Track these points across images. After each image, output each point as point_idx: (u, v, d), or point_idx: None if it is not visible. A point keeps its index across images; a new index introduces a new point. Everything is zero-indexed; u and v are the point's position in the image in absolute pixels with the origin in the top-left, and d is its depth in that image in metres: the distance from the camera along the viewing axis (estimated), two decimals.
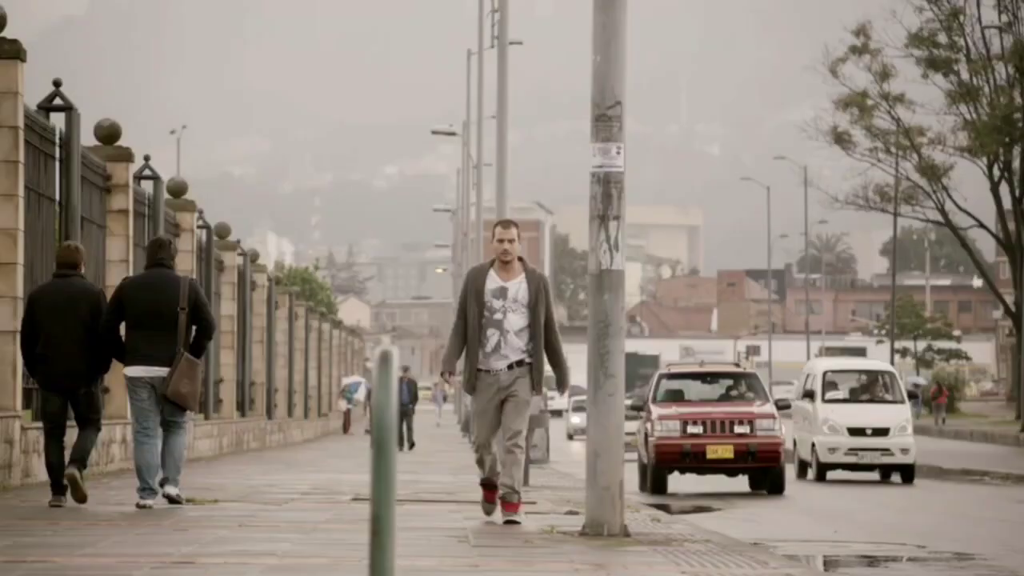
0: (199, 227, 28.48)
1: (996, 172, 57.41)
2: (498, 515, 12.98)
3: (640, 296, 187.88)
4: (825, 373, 28.92)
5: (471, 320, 12.72)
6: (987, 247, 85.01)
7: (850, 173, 61.11)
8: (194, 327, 13.59)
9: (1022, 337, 54.98)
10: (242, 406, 34.04)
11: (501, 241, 12.83)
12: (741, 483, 25.77)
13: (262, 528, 12.22)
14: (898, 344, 76.95)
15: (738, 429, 24.31)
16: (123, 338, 13.68)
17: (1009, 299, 59.06)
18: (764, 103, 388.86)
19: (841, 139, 58.96)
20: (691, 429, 24.28)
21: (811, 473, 28.38)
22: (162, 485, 13.70)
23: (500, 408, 12.69)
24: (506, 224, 12.86)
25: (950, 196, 58.50)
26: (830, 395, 28.76)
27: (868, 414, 28.02)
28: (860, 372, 29.78)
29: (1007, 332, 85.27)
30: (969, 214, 59.08)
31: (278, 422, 40.78)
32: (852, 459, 27.85)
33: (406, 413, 39.73)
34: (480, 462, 13.00)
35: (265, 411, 38.21)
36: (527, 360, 12.70)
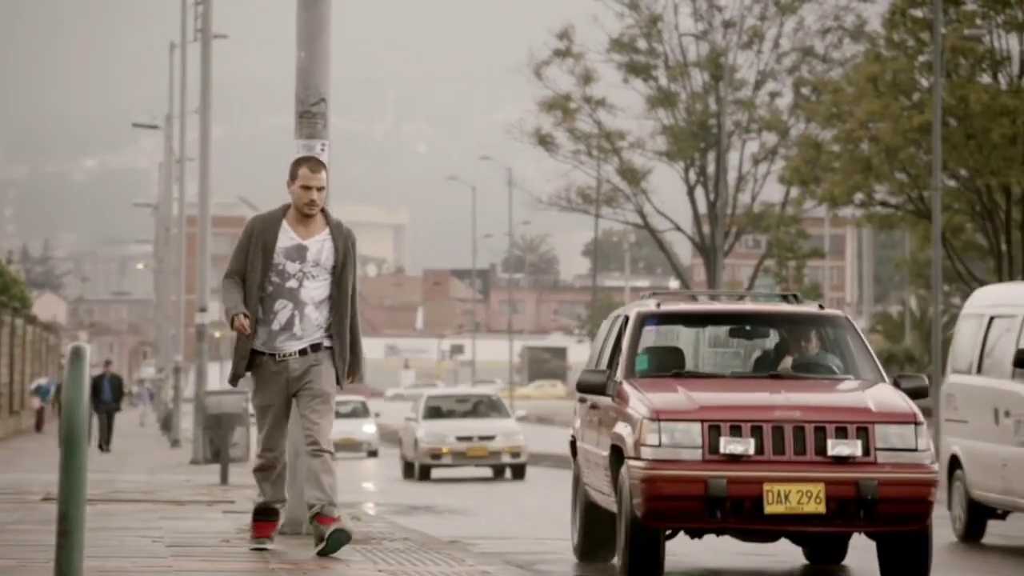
0: None
1: (692, 177, 58.85)
2: (275, 544, 10.45)
3: None
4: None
5: (251, 287, 9.96)
6: (683, 250, 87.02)
7: (553, 175, 61.96)
8: None
9: None
10: None
11: (307, 188, 10.05)
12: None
13: None
14: None
15: (837, 449, 11.00)
16: None
17: None
18: (471, 103, 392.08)
19: (545, 141, 59.73)
20: (732, 446, 10.99)
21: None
22: None
23: (289, 404, 10.17)
24: (315, 166, 10.17)
25: (649, 199, 59.74)
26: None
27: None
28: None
29: None
30: (667, 217, 60.42)
31: None
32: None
33: (109, 411, 37.64)
34: (264, 474, 10.24)
35: None
36: (326, 344, 10.05)
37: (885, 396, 11.26)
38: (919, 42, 41.58)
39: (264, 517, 10.38)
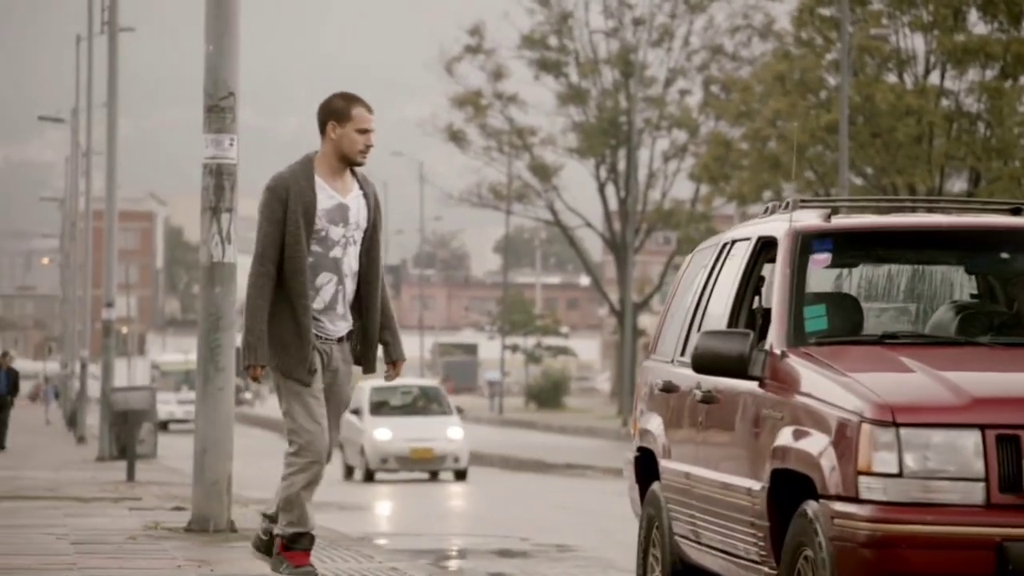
0: None
1: (603, 173, 59.01)
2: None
3: None
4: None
5: (292, 258, 8.05)
6: (594, 246, 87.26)
7: (465, 171, 61.95)
8: None
9: (625, 334, 56.67)
10: None
11: (366, 131, 8.29)
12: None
13: None
14: (509, 340, 78.35)
15: None
16: None
17: (614, 297, 60.77)
18: (383, 98, 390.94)
19: (456, 137, 59.67)
20: None
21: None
22: None
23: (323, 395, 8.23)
24: (368, 104, 8.45)
25: (560, 196, 59.84)
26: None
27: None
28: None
29: (611, 330, 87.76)
30: (577, 214, 60.55)
31: None
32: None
33: (3, 405, 36.62)
34: (308, 487, 8.07)
35: None
36: (350, 328, 8.26)
37: None
38: (827, 41, 41.90)
39: (303, 545, 8.19)
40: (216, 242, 11.85)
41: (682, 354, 7.97)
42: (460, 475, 28.98)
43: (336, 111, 8.29)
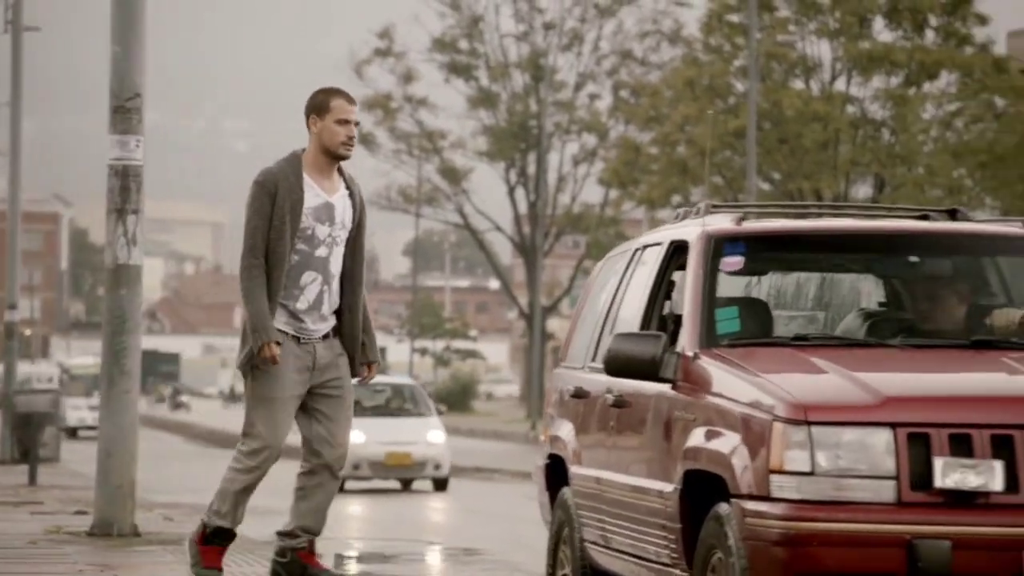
0: None
1: (513, 177, 59.09)
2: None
3: (162, 292, 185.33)
4: None
5: (276, 253, 7.92)
6: (503, 250, 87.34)
7: (374, 174, 61.81)
8: None
9: (534, 338, 56.76)
10: None
11: (346, 122, 8.08)
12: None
13: None
14: (418, 343, 78.27)
15: None
16: None
17: (523, 301, 60.85)
18: (293, 101, 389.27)
19: (366, 140, 59.53)
20: (959, 475, 6.02)
21: None
22: None
23: (301, 399, 8.01)
24: (349, 95, 8.20)
25: (469, 199, 59.86)
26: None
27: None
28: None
29: (520, 333, 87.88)
30: (487, 217, 60.59)
31: None
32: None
33: None
34: (251, 489, 8.09)
35: None
36: (330, 328, 8.13)
37: None
38: (735, 47, 42.18)
39: (221, 540, 8.16)
40: (122, 244, 11.76)
41: (593, 360, 7.92)
42: (440, 484, 25.48)
43: (316, 104, 8.13)
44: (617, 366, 6.94)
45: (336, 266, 8.07)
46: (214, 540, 8.10)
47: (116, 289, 11.78)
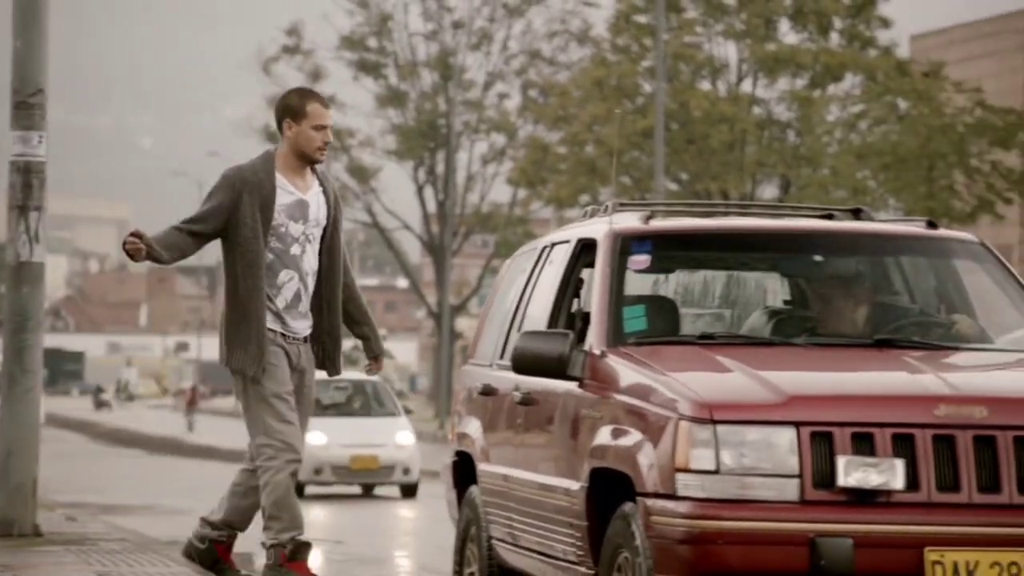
0: None
1: (422, 176, 59.05)
2: None
3: (66, 290, 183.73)
4: None
5: (248, 252, 7.86)
6: (413, 249, 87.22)
7: None
8: None
9: (443, 337, 56.74)
10: None
11: (323, 128, 8.14)
12: None
13: None
14: None
15: None
16: None
17: (432, 300, 60.83)
18: (200, 98, 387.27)
19: (274, 138, 59.21)
20: (860, 474, 6.04)
21: None
22: None
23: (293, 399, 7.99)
24: (325, 100, 8.32)
25: (378, 198, 59.74)
26: None
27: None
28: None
29: (430, 332, 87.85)
30: (396, 216, 60.51)
31: None
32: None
33: None
34: (289, 488, 7.80)
35: None
36: (310, 327, 8.08)
37: None
38: (642, 48, 42.37)
39: (303, 553, 7.84)
40: (23, 241, 11.65)
41: (501, 357, 7.95)
42: (409, 491, 23.80)
43: (291, 108, 8.17)
44: (525, 364, 6.95)
45: (311, 264, 8.01)
46: (300, 556, 7.83)
47: (18, 287, 11.67)
